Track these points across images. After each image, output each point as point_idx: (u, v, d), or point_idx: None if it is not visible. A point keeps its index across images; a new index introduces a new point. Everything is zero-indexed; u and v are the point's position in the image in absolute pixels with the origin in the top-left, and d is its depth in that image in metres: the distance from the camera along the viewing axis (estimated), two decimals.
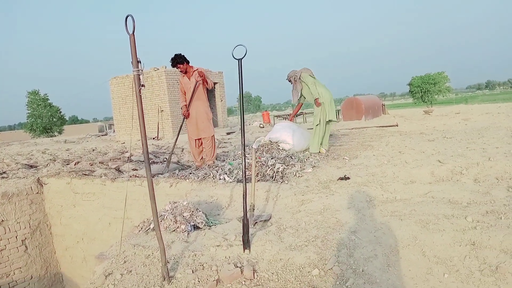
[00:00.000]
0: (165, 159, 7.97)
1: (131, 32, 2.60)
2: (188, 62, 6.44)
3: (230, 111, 48.37)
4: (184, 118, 6.67)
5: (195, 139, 6.66)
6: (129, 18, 2.55)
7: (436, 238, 2.89)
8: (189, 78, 6.57)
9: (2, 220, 6.63)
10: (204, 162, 6.76)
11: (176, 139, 7.02)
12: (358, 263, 2.69)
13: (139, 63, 2.71)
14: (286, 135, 6.67)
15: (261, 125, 18.63)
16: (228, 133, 15.13)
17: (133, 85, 2.74)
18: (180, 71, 6.51)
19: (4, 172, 8.55)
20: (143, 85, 2.80)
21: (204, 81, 6.46)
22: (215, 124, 20.00)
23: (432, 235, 2.93)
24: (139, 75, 2.73)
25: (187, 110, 6.55)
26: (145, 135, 2.80)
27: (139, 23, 2.61)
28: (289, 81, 7.15)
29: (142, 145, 2.80)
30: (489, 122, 10.36)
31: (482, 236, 2.82)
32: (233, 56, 3.29)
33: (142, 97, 2.85)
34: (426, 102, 46.21)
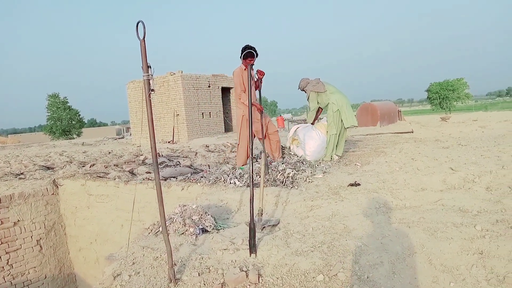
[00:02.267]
0: (178, 163, 8.04)
1: (141, 38, 2.66)
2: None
3: None
4: (260, 112, 6.12)
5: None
6: (140, 24, 2.61)
7: (444, 246, 2.86)
8: (251, 74, 6.33)
9: (18, 220, 6.78)
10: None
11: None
12: (363, 269, 2.68)
13: (149, 68, 2.76)
14: (308, 143, 6.58)
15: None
16: None
17: (143, 89, 2.78)
18: (251, 65, 6.27)
19: (21, 173, 8.76)
20: (152, 90, 2.84)
21: (260, 82, 6.17)
22: (230, 129, 20.11)
23: (440, 243, 2.90)
24: (149, 80, 2.78)
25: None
26: (154, 139, 2.84)
27: (153, 28, 2.66)
28: (303, 90, 7.09)
29: (151, 149, 2.84)
30: (507, 130, 10.18)
31: (490, 245, 2.78)
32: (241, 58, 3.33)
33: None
34: (444, 109, 45.57)
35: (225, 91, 20.01)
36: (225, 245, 3.35)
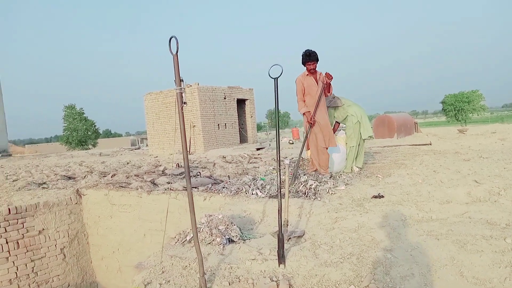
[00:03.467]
0: (198, 173, 8.11)
1: (174, 53, 2.75)
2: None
3: (258, 127, 48.63)
4: (310, 126, 6.18)
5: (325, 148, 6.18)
6: (173, 40, 2.70)
7: (475, 259, 2.86)
8: (316, 80, 6.11)
9: (43, 229, 6.92)
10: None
11: (301, 150, 6.36)
12: (394, 281, 2.69)
13: (181, 82, 2.85)
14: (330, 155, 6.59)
15: (291, 141, 18.66)
16: (257, 149, 15.24)
17: (176, 102, 2.87)
18: (310, 69, 6.02)
19: (44, 183, 8.93)
20: (185, 103, 2.93)
21: (329, 85, 6.05)
22: (245, 140, 20.20)
23: (470, 255, 2.90)
24: (182, 93, 2.87)
25: (313, 117, 6.07)
26: (187, 150, 2.92)
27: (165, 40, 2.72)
28: None
29: (184, 160, 2.92)
30: None
31: None
32: (269, 75, 3.41)
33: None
34: (459, 121, 45.16)
35: (241, 102, 20.17)
36: (253, 255, 3.39)
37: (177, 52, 2.73)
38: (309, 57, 5.97)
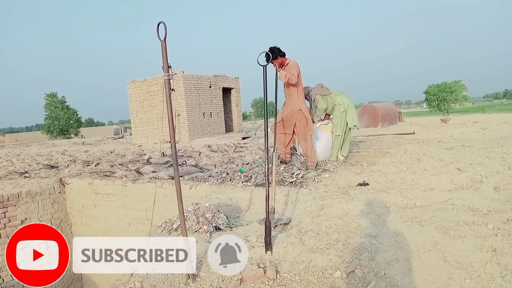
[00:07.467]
0: (184, 162, 8.07)
1: (162, 38, 2.71)
2: (282, 55, 5.69)
3: (244, 116, 48.50)
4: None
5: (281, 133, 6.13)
6: (161, 25, 2.66)
7: (457, 244, 2.92)
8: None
9: (26, 219, 6.81)
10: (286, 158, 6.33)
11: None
12: (379, 266, 2.74)
13: (169, 68, 2.82)
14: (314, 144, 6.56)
15: None
16: (243, 138, 15.23)
17: (164, 89, 2.83)
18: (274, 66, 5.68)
19: (26, 172, 8.79)
20: (173, 89, 2.90)
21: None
22: (230, 129, 20.15)
23: (453, 241, 2.97)
24: (170, 79, 2.84)
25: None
26: (174, 138, 2.89)
27: (151, 26, 2.71)
28: (305, 98, 7.14)
29: (172, 147, 2.89)
30: (508, 132, 10.29)
31: (503, 243, 2.84)
32: (258, 62, 3.40)
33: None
34: (442, 111, 45.81)
35: (226, 91, 20.05)
36: None
37: (165, 38, 2.70)
38: (267, 59, 5.74)
